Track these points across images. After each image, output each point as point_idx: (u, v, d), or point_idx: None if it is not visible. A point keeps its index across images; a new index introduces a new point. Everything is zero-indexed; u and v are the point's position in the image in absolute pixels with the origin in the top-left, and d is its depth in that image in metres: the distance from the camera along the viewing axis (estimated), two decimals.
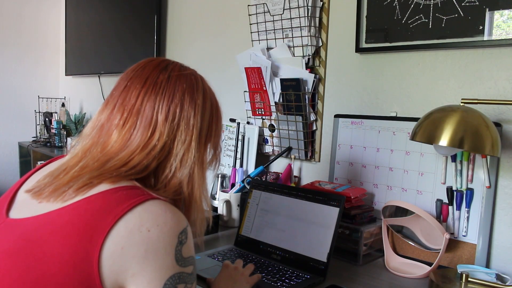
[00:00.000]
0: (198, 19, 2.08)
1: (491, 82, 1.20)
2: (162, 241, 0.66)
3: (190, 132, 0.77)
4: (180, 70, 0.81)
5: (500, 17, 1.16)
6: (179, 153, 0.76)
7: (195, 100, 0.79)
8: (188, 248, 0.70)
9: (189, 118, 0.77)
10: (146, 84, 0.77)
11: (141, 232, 0.66)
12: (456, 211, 1.24)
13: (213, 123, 0.82)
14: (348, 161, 1.50)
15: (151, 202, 0.68)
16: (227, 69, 1.93)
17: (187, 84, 0.79)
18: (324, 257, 1.13)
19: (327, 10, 1.54)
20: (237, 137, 1.77)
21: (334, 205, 1.17)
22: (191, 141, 0.77)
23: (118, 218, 0.65)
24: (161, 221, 0.67)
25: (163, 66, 0.80)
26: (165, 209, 0.69)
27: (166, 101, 0.76)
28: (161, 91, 0.76)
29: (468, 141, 1.01)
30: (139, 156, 0.73)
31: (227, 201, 1.54)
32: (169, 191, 0.75)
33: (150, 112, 0.75)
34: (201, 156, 0.79)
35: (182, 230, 0.69)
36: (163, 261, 0.66)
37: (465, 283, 1.08)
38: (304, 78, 1.55)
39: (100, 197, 0.68)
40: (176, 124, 0.76)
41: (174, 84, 0.78)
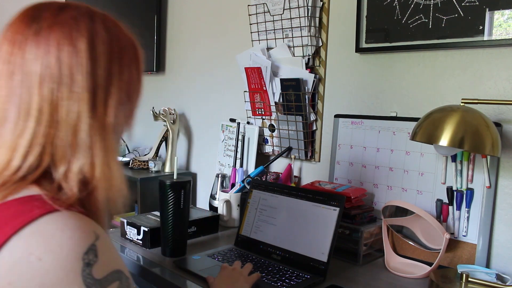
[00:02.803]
0: (198, 19, 2.08)
1: (491, 82, 1.20)
2: (61, 270, 0.53)
3: (77, 94, 0.60)
4: (54, 17, 0.62)
5: (500, 17, 1.16)
6: (70, 125, 0.60)
7: (77, 50, 0.61)
8: (103, 266, 0.57)
9: (72, 77, 0.60)
10: (14, 45, 0.61)
11: (30, 262, 0.52)
12: (456, 211, 1.24)
13: (115, 73, 0.64)
14: (348, 161, 1.50)
15: (46, 218, 0.55)
16: (227, 69, 1.93)
17: (63, 32, 0.61)
18: (324, 257, 1.13)
19: (327, 10, 1.54)
20: (237, 137, 1.77)
21: (334, 205, 1.17)
22: (80, 106, 0.60)
23: (0, 246, 0.53)
24: (55, 244, 0.53)
25: (32, 17, 0.63)
26: (63, 226, 0.55)
27: (37, 64, 0.60)
28: (28, 52, 0.60)
29: (468, 141, 1.01)
30: (23, 145, 0.59)
31: (227, 201, 1.54)
32: (72, 182, 0.60)
33: (19, 86, 0.60)
34: (101, 121, 0.63)
35: (87, 249, 0.55)
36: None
37: (465, 283, 1.08)
38: (304, 78, 1.55)
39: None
40: (56, 90, 0.60)
41: (46, 38, 0.60)
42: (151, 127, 2.29)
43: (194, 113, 2.15)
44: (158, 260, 1.22)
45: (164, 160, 2.11)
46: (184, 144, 2.21)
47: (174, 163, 1.66)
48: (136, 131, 2.47)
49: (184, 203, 1.22)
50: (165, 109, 2.08)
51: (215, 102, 2.01)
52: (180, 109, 2.20)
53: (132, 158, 2.16)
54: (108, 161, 0.63)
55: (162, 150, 2.18)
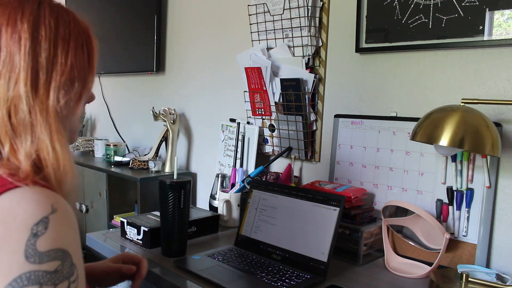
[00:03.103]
0: (198, 19, 2.08)
1: (491, 82, 1.20)
2: (8, 239, 0.54)
3: (17, 75, 0.61)
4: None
5: (500, 17, 1.16)
6: (10, 105, 0.61)
7: (19, 31, 0.62)
8: (49, 240, 0.56)
9: (12, 58, 0.61)
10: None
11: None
12: (456, 211, 1.24)
13: (59, 57, 0.65)
14: (348, 161, 1.50)
15: (5, 195, 0.57)
16: (227, 69, 1.93)
17: (7, 14, 0.63)
18: (324, 257, 1.13)
19: (327, 10, 1.54)
20: (237, 137, 1.77)
21: (334, 205, 1.17)
22: (19, 86, 0.61)
23: None
24: (10, 216, 0.55)
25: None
26: (20, 199, 0.56)
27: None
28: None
29: (468, 141, 1.01)
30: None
31: (227, 201, 1.54)
32: (23, 162, 0.61)
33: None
34: (43, 103, 0.63)
35: (39, 220, 0.55)
36: (5, 261, 0.54)
37: (465, 283, 1.08)
38: (304, 78, 1.55)
39: None
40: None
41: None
42: (151, 127, 2.29)
43: (194, 113, 2.15)
44: (158, 260, 1.22)
45: (164, 160, 2.11)
46: (184, 144, 2.21)
47: (174, 163, 1.66)
48: (136, 131, 2.47)
49: (184, 203, 1.22)
50: (165, 109, 2.08)
51: (215, 102, 2.01)
52: (180, 109, 2.20)
53: (132, 158, 2.16)
54: (53, 143, 0.63)
55: (162, 150, 2.18)
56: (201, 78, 2.07)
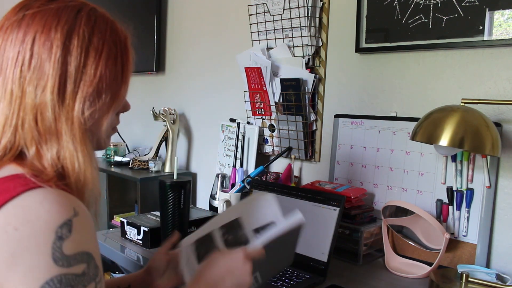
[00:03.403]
0: (198, 19, 2.08)
1: (491, 82, 1.20)
2: (34, 240, 0.54)
3: (46, 82, 0.62)
4: (41, 6, 0.65)
5: (500, 17, 1.16)
6: (36, 111, 0.62)
7: (51, 39, 0.62)
8: (74, 243, 0.57)
9: (43, 65, 0.62)
10: (1, 29, 0.65)
11: (7, 232, 0.54)
12: (456, 211, 1.24)
13: (89, 67, 0.64)
14: (348, 161, 1.50)
15: (28, 194, 0.57)
16: (227, 69, 1.93)
17: (42, 21, 0.63)
18: (324, 257, 1.13)
19: (327, 10, 1.54)
20: (237, 137, 1.77)
21: (334, 205, 1.17)
22: (46, 93, 0.62)
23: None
24: (33, 215, 0.55)
25: (23, 5, 0.66)
26: (43, 199, 0.57)
27: (14, 48, 0.62)
28: (9, 36, 0.63)
29: (468, 141, 1.01)
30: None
31: (227, 201, 1.54)
32: (48, 167, 0.62)
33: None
34: (69, 112, 0.63)
35: (63, 223, 0.56)
36: (34, 263, 0.54)
37: (465, 283, 1.08)
38: (304, 78, 1.55)
39: None
40: (26, 73, 0.62)
41: (26, 24, 0.63)
42: (151, 127, 2.29)
43: (194, 113, 2.15)
44: None
45: (164, 160, 2.11)
46: (184, 144, 2.21)
47: (174, 163, 1.66)
48: (136, 131, 2.47)
49: (184, 203, 1.22)
50: (165, 109, 2.08)
51: (215, 102, 2.01)
52: (180, 109, 2.20)
53: (132, 158, 2.16)
54: (77, 154, 0.64)
55: (162, 150, 2.18)
56: (201, 78, 2.07)
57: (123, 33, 0.71)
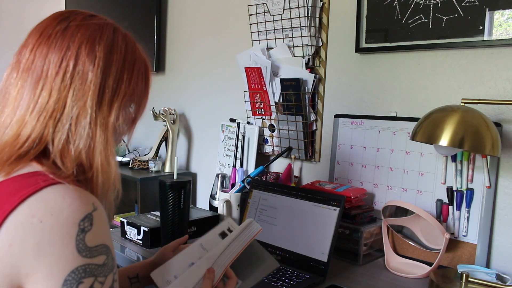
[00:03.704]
0: (198, 19, 2.08)
1: (491, 82, 1.20)
2: (58, 232, 0.58)
3: (87, 88, 0.67)
4: (83, 20, 0.71)
5: (500, 17, 1.16)
6: (73, 112, 0.66)
7: (95, 52, 0.69)
8: (95, 236, 0.61)
9: (86, 73, 0.67)
10: (40, 36, 0.69)
11: (32, 224, 0.58)
12: (456, 211, 1.24)
13: (124, 81, 0.72)
14: (348, 161, 1.50)
15: (49, 189, 0.61)
16: (227, 69, 1.93)
17: (87, 34, 0.69)
18: (324, 257, 1.13)
19: (327, 10, 1.54)
20: (237, 137, 1.77)
21: (334, 205, 1.17)
22: (87, 99, 0.67)
23: (7, 214, 0.58)
24: (57, 208, 0.59)
25: (64, 17, 0.71)
26: (64, 194, 0.61)
27: (59, 53, 0.67)
28: (54, 42, 0.68)
29: (468, 141, 1.01)
30: (30, 121, 0.66)
31: (227, 201, 1.54)
32: (69, 164, 0.66)
33: (40, 67, 0.67)
34: (104, 118, 0.69)
35: (84, 217, 0.60)
36: (60, 254, 0.58)
37: (465, 283, 1.08)
38: (304, 78, 1.55)
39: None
40: (69, 79, 0.67)
41: (71, 34, 0.69)
42: (151, 127, 2.29)
43: (194, 113, 2.15)
44: None
45: (164, 160, 2.11)
46: (184, 144, 2.21)
47: (174, 163, 1.66)
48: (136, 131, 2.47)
49: (184, 203, 1.22)
50: (165, 109, 2.08)
51: (215, 102, 2.01)
52: (180, 109, 2.20)
53: (132, 158, 2.16)
54: (107, 157, 0.69)
55: (162, 150, 2.18)
56: (201, 78, 2.07)
57: (144, 54, 0.79)
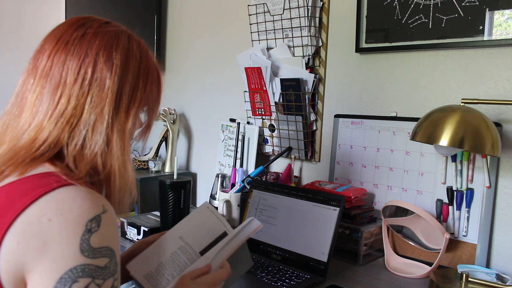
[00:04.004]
0: (198, 19, 2.08)
1: (491, 82, 1.20)
2: (65, 230, 0.58)
3: (104, 95, 0.68)
4: (99, 27, 0.72)
5: (500, 17, 1.16)
6: (90, 119, 0.67)
7: (112, 59, 0.69)
8: (101, 237, 0.61)
9: (104, 80, 0.68)
10: (58, 43, 0.70)
11: (41, 222, 0.58)
12: (456, 211, 1.24)
13: (140, 87, 0.73)
14: (348, 161, 1.50)
15: (61, 190, 0.61)
16: (227, 69, 1.93)
17: (104, 41, 0.70)
18: (324, 257, 1.13)
19: (327, 10, 1.54)
20: (237, 137, 1.77)
21: (334, 205, 1.17)
22: (104, 105, 0.68)
23: (18, 213, 0.59)
24: (67, 208, 0.59)
25: (81, 23, 0.72)
26: (75, 195, 0.61)
27: (77, 60, 0.68)
28: (72, 49, 0.69)
29: (468, 141, 1.01)
30: (48, 126, 0.66)
31: (227, 201, 1.54)
32: (82, 167, 0.66)
33: (58, 73, 0.68)
34: (121, 124, 0.70)
35: (93, 217, 0.60)
36: (63, 251, 0.58)
37: (465, 283, 1.08)
38: (304, 78, 1.55)
39: (3, 193, 0.62)
40: (87, 86, 0.67)
41: (88, 41, 0.69)
42: None
43: (194, 113, 2.15)
44: None
45: (164, 160, 2.11)
46: (184, 144, 2.21)
47: (174, 163, 1.66)
48: None
49: (184, 203, 1.22)
50: (165, 109, 2.08)
51: (215, 102, 2.01)
52: (180, 109, 2.20)
53: (132, 158, 2.16)
54: (125, 162, 0.71)
55: (162, 150, 2.18)
56: (201, 78, 2.07)
57: (155, 60, 0.79)
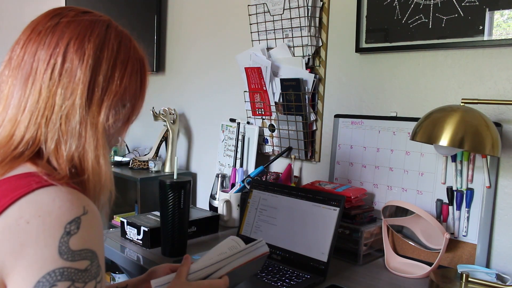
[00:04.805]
0: (198, 19, 2.08)
1: (491, 82, 1.20)
2: (42, 233, 0.57)
3: (76, 86, 0.65)
4: (75, 16, 0.69)
5: (500, 17, 1.16)
6: (63, 111, 0.65)
7: (84, 49, 0.67)
8: (80, 240, 0.59)
9: (75, 70, 0.66)
10: (32, 33, 0.68)
11: (19, 225, 0.57)
12: (456, 211, 1.24)
13: (115, 79, 0.69)
14: (348, 161, 1.50)
15: (40, 191, 0.59)
16: (227, 69, 1.93)
17: (77, 30, 0.67)
18: (324, 257, 1.13)
19: (327, 10, 1.54)
20: (237, 137, 1.77)
21: (334, 205, 1.17)
22: (76, 97, 0.65)
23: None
24: (45, 211, 0.58)
25: (56, 13, 0.70)
26: (55, 196, 0.59)
27: (47, 49, 0.66)
28: (44, 39, 0.67)
29: (468, 141, 1.01)
30: (23, 120, 0.65)
31: (227, 201, 1.54)
32: (63, 165, 0.65)
33: (29, 64, 0.66)
34: (94, 118, 0.67)
35: (72, 220, 0.59)
36: (40, 254, 0.56)
37: (465, 283, 1.08)
38: (304, 78, 1.55)
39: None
40: (57, 76, 0.65)
41: (61, 31, 0.67)
42: (151, 127, 2.29)
43: (194, 113, 2.15)
44: (158, 260, 1.22)
45: (164, 160, 2.11)
46: (184, 144, 2.21)
47: (174, 163, 1.66)
48: (136, 131, 2.47)
49: (184, 203, 1.22)
50: (165, 109, 2.08)
51: (215, 102, 2.01)
52: (180, 109, 2.20)
53: (132, 158, 2.16)
54: (97, 157, 0.67)
55: (162, 150, 2.18)
56: (201, 78, 2.07)
57: (142, 52, 0.76)
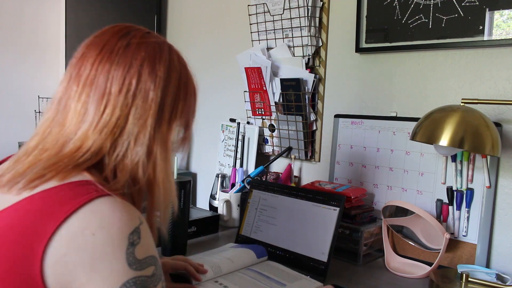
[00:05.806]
0: (198, 19, 2.08)
1: (491, 82, 1.20)
2: (110, 245, 0.60)
3: (148, 107, 0.69)
4: (142, 37, 0.73)
5: (500, 17, 1.16)
6: (133, 130, 0.68)
7: (156, 71, 0.70)
8: (143, 248, 0.63)
9: (147, 92, 0.69)
10: (102, 51, 0.70)
11: (85, 236, 0.59)
12: (456, 211, 1.24)
13: (180, 99, 0.73)
14: (348, 161, 1.50)
15: (100, 200, 0.62)
16: (227, 69, 1.93)
17: (147, 52, 0.71)
18: (324, 257, 1.13)
19: (327, 10, 1.54)
20: (237, 137, 1.77)
21: (334, 205, 1.17)
22: (148, 117, 0.69)
23: (61, 222, 0.59)
24: (107, 222, 0.60)
25: (124, 32, 0.72)
26: (114, 207, 0.62)
27: (122, 70, 0.68)
28: (117, 59, 0.69)
29: (468, 141, 1.01)
30: (93, 135, 0.67)
31: (227, 201, 1.54)
32: (121, 178, 0.67)
33: (103, 83, 0.68)
34: (164, 136, 0.71)
35: (133, 230, 0.62)
36: (112, 267, 0.59)
37: (465, 283, 1.08)
38: (304, 78, 1.55)
39: (44, 197, 0.62)
40: (131, 97, 0.68)
41: (132, 52, 0.70)
42: None
43: None
44: None
45: None
46: None
47: (174, 163, 1.66)
48: None
49: (184, 203, 1.22)
50: None
51: (215, 102, 2.01)
52: None
53: None
54: (168, 173, 0.72)
55: None
56: (201, 78, 2.07)
57: (192, 72, 0.80)
